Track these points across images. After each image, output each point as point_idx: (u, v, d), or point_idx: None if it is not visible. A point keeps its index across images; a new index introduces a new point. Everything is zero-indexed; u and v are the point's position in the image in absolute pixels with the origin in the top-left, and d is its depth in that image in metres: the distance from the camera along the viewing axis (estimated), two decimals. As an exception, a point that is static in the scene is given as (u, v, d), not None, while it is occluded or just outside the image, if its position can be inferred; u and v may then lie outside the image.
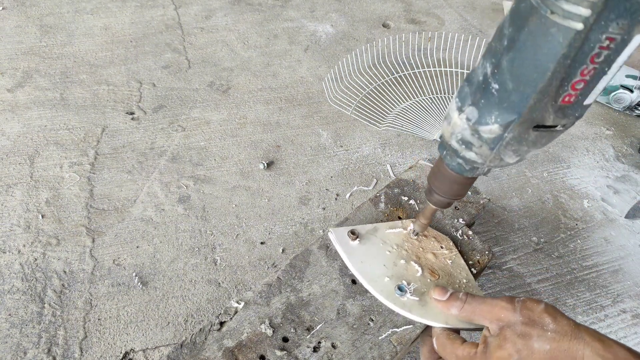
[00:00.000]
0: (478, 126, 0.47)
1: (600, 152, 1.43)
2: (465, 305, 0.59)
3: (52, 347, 0.88)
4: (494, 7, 2.03)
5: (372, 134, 1.39)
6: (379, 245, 0.74)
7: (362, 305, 0.72)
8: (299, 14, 1.85)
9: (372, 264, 0.71)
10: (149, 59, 1.55)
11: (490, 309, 0.56)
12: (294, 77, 1.56)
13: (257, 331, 0.68)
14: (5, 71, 1.44)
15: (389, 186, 0.92)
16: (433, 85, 1.54)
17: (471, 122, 0.47)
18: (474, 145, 0.49)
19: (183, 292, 0.98)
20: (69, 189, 1.15)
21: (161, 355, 0.89)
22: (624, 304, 1.07)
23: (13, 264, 0.99)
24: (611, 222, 1.24)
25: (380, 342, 0.68)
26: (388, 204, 0.88)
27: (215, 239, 1.08)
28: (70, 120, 1.32)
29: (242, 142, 1.32)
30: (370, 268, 0.71)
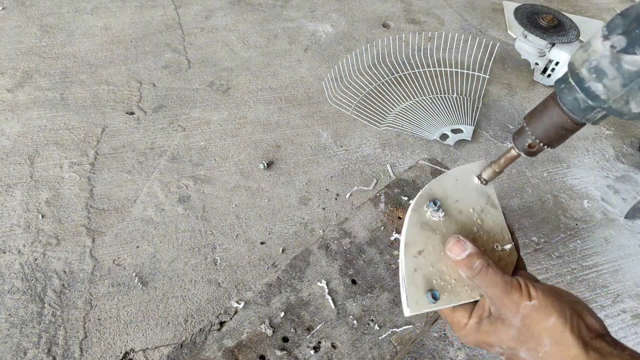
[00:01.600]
0: (623, 54, 0.44)
1: (600, 152, 1.43)
2: (475, 278, 0.52)
3: (52, 347, 0.88)
4: (494, 7, 2.03)
5: (372, 134, 1.39)
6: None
7: (362, 305, 0.72)
8: (299, 14, 1.85)
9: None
10: (149, 59, 1.55)
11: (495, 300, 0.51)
12: (294, 77, 1.56)
13: (257, 331, 0.68)
14: (5, 71, 1.44)
15: (389, 186, 0.92)
16: (433, 85, 1.54)
17: (616, 49, 0.44)
18: (608, 75, 0.45)
19: (183, 292, 0.98)
20: (69, 189, 1.15)
21: (161, 355, 0.89)
22: (624, 304, 1.07)
23: (13, 264, 0.99)
24: (611, 222, 1.24)
25: (380, 342, 0.68)
26: (388, 204, 0.88)
27: (215, 239, 1.08)
28: (70, 120, 1.32)
29: (242, 142, 1.32)
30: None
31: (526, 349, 0.47)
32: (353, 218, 0.85)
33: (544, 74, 1.61)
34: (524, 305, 0.48)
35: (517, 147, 0.56)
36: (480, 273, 0.51)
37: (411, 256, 0.57)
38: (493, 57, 1.66)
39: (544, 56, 1.55)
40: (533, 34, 1.49)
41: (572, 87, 0.49)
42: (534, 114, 0.54)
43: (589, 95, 0.47)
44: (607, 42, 0.45)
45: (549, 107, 0.52)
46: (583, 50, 0.48)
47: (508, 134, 1.44)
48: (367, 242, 0.81)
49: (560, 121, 0.51)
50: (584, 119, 0.50)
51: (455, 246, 0.54)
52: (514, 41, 1.71)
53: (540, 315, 0.47)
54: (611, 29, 0.45)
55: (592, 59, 0.46)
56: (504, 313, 0.50)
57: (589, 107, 0.48)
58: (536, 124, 0.53)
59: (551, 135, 0.52)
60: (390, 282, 0.76)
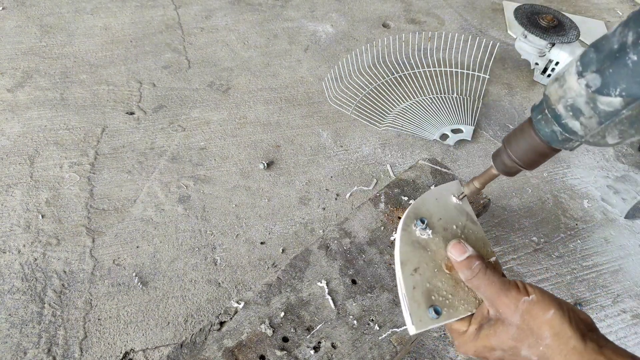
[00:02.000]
0: (597, 95, 0.44)
1: (600, 152, 1.43)
2: (474, 279, 0.54)
3: (52, 347, 0.88)
4: (494, 7, 2.03)
5: (372, 134, 1.39)
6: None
7: (362, 305, 0.72)
8: (299, 14, 1.85)
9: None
10: (149, 59, 1.55)
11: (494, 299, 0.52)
12: (294, 77, 1.56)
13: (257, 331, 0.68)
14: (5, 71, 1.44)
15: (389, 186, 0.92)
16: (433, 85, 1.54)
17: (591, 89, 0.44)
18: (584, 114, 0.46)
19: (183, 292, 0.98)
20: (69, 189, 1.15)
21: (161, 355, 0.89)
22: (624, 304, 1.07)
23: (13, 264, 0.99)
24: (611, 222, 1.24)
25: (380, 342, 0.68)
26: (388, 204, 0.88)
27: (215, 239, 1.08)
28: (70, 120, 1.32)
29: (242, 142, 1.32)
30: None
31: (527, 346, 0.48)
32: (353, 218, 0.85)
33: (544, 74, 1.61)
34: (523, 300, 0.49)
35: (496, 167, 0.58)
36: (479, 273, 0.53)
37: (408, 274, 0.59)
38: (493, 57, 1.66)
39: (544, 56, 1.55)
40: (533, 34, 1.49)
41: (549, 119, 0.50)
42: (512, 136, 0.56)
43: (566, 130, 0.48)
44: (582, 80, 0.45)
45: (526, 134, 0.53)
46: (558, 85, 0.49)
47: (508, 134, 1.44)
48: (367, 242, 0.81)
49: (537, 147, 0.52)
50: (564, 147, 0.51)
51: (455, 248, 0.57)
52: (514, 41, 1.71)
53: (540, 309, 0.48)
54: (585, 64, 0.45)
55: (568, 96, 0.47)
56: (503, 312, 0.51)
57: (566, 139, 0.49)
58: (514, 147, 0.55)
59: (529, 158, 0.54)
60: (390, 282, 0.76)
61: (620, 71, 0.42)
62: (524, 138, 0.54)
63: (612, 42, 0.43)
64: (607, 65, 0.43)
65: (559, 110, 0.48)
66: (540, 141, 0.52)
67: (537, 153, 0.53)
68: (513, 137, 0.55)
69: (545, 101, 0.51)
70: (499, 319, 0.51)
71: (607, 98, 0.43)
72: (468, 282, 0.55)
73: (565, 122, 0.48)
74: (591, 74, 0.44)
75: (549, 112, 0.50)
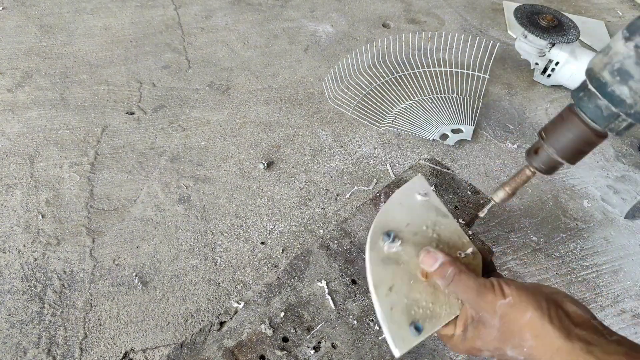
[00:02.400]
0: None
1: (600, 152, 1.43)
2: (450, 286, 0.53)
3: (52, 347, 0.88)
4: (494, 7, 2.03)
5: (372, 134, 1.39)
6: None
7: (362, 305, 0.72)
8: (299, 14, 1.85)
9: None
10: (149, 59, 1.55)
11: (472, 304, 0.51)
12: (294, 77, 1.56)
13: (257, 331, 0.68)
14: (5, 71, 1.44)
15: (389, 186, 0.92)
16: (433, 85, 1.54)
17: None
18: (634, 77, 0.42)
19: (183, 292, 0.98)
20: (69, 189, 1.15)
21: (161, 355, 0.89)
22: (624, 304, 1.07)
23: (13, 264, 0.99)
24: (611, 222, 1.24)
25: (380, 342, 0.69)
26: (388, 204, 0.88)
27: (215, 239, 1.08)
28: (70, 120, 1.32)
29: (242, 142, 1.32)
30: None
31: (511, 347, 0.47)
32: (353, 218, 0.85)
33: (544, 74, 1.61)
34: (499, 304, 0.48)
35: (533, 166, 0.53)
36: (454, 280, 0.52)
37: (383, 296, 0.56)
38: (493, 57, 1.66)
39: (544, 56, 1.55)
40: (533, 34, 1.49)
41: (592, 94, 0.46)
42: (551, 127, 0.50)
43: (613, 100, 0.44)
44: (630, 42, 0.42)
45: (568, 119, 0.49)
46: (603, 54, 0.45)
47: (508, 134, 1.44)
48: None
49: (581, 133, 0.48)
50: (607, 128, 0.47)
51: (426, 258, 0.55)
52: (514, 41, 1.71)
53: (517, 311, 0.47)
54: (632, 31, 0.43)
55: (614, 61, 0.44)
56: (483, 315, 0.50)
57: (613, 115, 0.45)
58: (555, 138, 0.50)
59: (571, 149, 0.49)
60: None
61: None
62: (565, 125, 0.49)
63: None
64: None
65: (604, 78, 0.44)
66: (584, 125, 0.47)
67: (581, 141, 0.48)
68: (552, 127, 0.51)
69: (589, 74, 0.47)
70: (480, 320, 0.50)
71: None
72: (447, 289, 0.54)
73: (613, 90, 0.44)
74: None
75: (592, 83, 0.46)
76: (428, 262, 0.55)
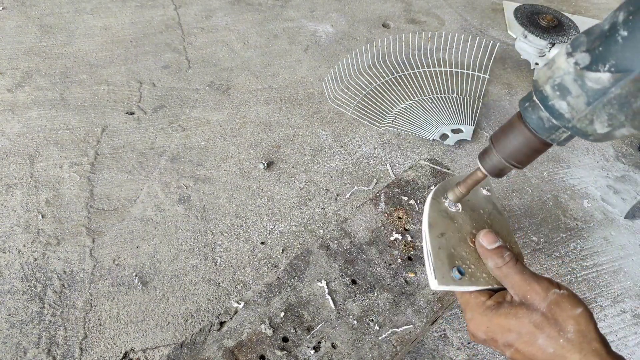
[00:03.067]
0: (586, 72, 0.43)
1: (600, 152, 1.43)
2: (504, 267, 0.54)
3: (52, 347, 0.88)
4: (494, 7, 2.03)
5: (372, 134, 1.39)
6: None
7: (362, 305, 0.72)
8: (299, 14, 1.85)
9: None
10: (149, 59, 1.55)
11: (523, 286, 0.51)
12: (294, 77, 1.56)
13: (257, 331, 0.68)
14: (5, 71, 1.44)
15: (389, 186, 0.92)
16: (433, 85, 1.54)
17: (579, 66, 0.43)
18: (572, 93, 0.44)
19: (183, 292, 0.98)
20: (69, 189, 1.15)
21: (161, 355, 0.89)
22: (624, 304, 1.07)
23: (13, 264, 0.99)
24: (611, 222, 1.24)
25: (380, 342, 0.69)
26: (388, 204, 0.88)
27: (215, 239, 1.08)
28: (70, 120, 1.32)
29: (242, 142, 1.32)
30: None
31: (546, 336, 0.48)
32: (353, 218, 0.85)
33: (544, 74, 1.60)
34: (553, 291, 0.50)
35: (484, 168, 0.55)
36: (510, 262, 0.54)
37: (435, 236, 0.60)
38: (493, 57, 1.66)
39: (544, 56, 1.55)
40: (533, 34, 1.49)
41: (535, 105, 0.48)
42: (500, 133, 0.54)
43: (553, 113, 0.47)
44: (570, 59, 0.44)
45: (515, 126, 0.52)
46: (547, 67, 0.47)
47: (508, 134, 1.44)
48: (367, 242, 0.81)
49: (526, 140, 0.50)
50: (549, 139, 0.49)
51: (487, 236, 0.57)
52: (514, 41, 1.71)
53: (569, 303, 0.48)
54: (575, 46, 0.45)
55: (555, 75, 0.46)
56: (531, 298, 0.50)
57: (554, 127, 0.48)
58: (503, 144, 0.53)
59: (518, 154, 0.52)
60: (390, 282, 0.76)
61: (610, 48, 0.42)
62: (513, 132, 0.52)
63: (602, 25, 0.43)
64: (597, 44, 0.43)
65: (546, 92, 0.47)
66: (529, 133, 0.50)
67: (527, 147, 0.51)
68: (501, 133, 0.54)
69: (534, 86, 0.49)
70: (523, 303, 0.51)
71: (596, 74, 0.42)
72: (497, 270, 0.55)
73: (552, 104, 0.46)
74: (580, 53, 0.44)
75: (536, 96, 0.48)
76: (488, 239, 0.57)
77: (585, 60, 0.43)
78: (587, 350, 0.45)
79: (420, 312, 0.73)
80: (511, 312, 0.51)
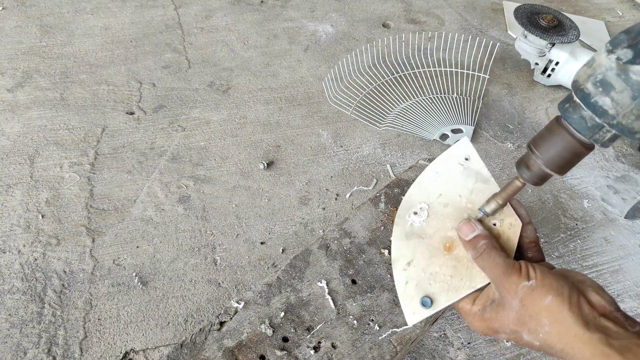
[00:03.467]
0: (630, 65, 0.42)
1: (600, 152, 1.43)
2: (478, 259, 0.53)
3: (52, 347, 0.88)
4: (494, 7, 2.03)
5: (372, 134, 1.39)
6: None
7: (362, 305, 0.73)
8: (299, 14, 1.85)
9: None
10: (149, 59, 1.55)
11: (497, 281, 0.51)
12: (294, 77, 1.56)
13: (257, 331, 0.68)
14: (5, 71, 1.44)
15: (389, 186, 0.92)
16: (433, 85, 1.54)
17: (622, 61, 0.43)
18: (615, 88, 0.43)
19: (183, 292, 0.98)
20: (69, 189, 1.15)
21: (161, 355, 0.89)
22: (624, 304, 1.07)
23: (13, 264, 0.99)
24: (611, 222, 1.24)
25: (380, 342, 0.69)
26: (388, 204, 0.88)
27: (215, 239, 1.08)
28: (70, 120, 1.32)
29: (242, 142, 1.32)
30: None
31: (527, 331, 0.48)
32: (353, 218, 0.85)
33: (544, 74, 1.61)
34: (522, 286, 0.48)
35: (523, 177, 0.53)
36: (483, 254, 0.52)
37: (400, 270, 0.59)
38: (493, 57, 1.66)
39: (544, 56, 1.55)
40: (533, 34, 1.49)
41: (577, 104, 0.47)
42: (539, 139, 0.51)
43: (596, 111, 0.45)
44: (612, 55, 0.43)
45: (554, 131, 0.49)
46: (587, 66, 0.46)
47: (508, 134, 1.44)
48: (367, 242, 0.81)
49: (567, 144, 0.48)
50: (592, 139, 0.47)
51: (465, 227, 0.56)
52: (514, 41, 1.71)
53: (537, 295, 0.47)
54: (615, 44, 0.44)
55: (597, 72, 0.45)
56: (505, 296, 0.50)
57: (597, 125, 0.46)
58: (543, 150, 0.50)
59: (559, 160, 0.50)
60: (390, 282, 0.76)
61: None
62: (552, 136, 0.49)
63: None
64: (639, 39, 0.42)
65: (587, 89, 0.46)
66: (570, 137, 0.48)
67: (569, 151, 0.49)
68: (540, 139, 0.51)
69: (574, 86, 0.48)
70: (501, 302, 0.51)
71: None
72: (476, 262, 0.54)
73: (595, 101, 0.45)
74: (622, 49, 0.43)
75: (577, 95, 0.47)
76: (465, 230, 0.56)
77: (627, 55, 0.42)
78: (567, 338, 0.44)
79: (420, 312, 0.73)
80: (493, 316, 0.51)
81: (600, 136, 0.47)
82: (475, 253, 0.53)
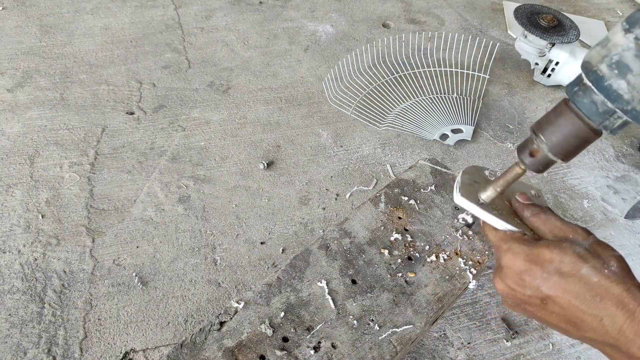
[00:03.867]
0: None
1: (600, 152, 1.43)
2: (542, 214, 0.52)
3: (52, 347, 0.88)
4: (494, 7, 2.03)
5: (372, 134, 1.39)
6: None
7: (362, 305, 0.73)
8: (299, 14, 1.85)
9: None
10: (149, 59, 1.55)
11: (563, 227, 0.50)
12: (294, 77, 1.56)
13: (257, 331, 0.68)
14: (5, 71, 1.44)
15: (389, 186, 0.92)
16: (433, 85, 1.54)
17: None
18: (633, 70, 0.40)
19: (183, 292, 0.98)
20: (69, 189, 1.15)
21: (161, 355, 0.89)
22: (624, 304, 1.07)
23: (13, 264, 0.99)
24: (611, 222, 1.24)
25: (380, 342, 0.69)
26: (388, 204, 0.88)
27: (215, 239, 1.08)
28: (70, 120, 1.32)
29: (242, 142, 1.32)
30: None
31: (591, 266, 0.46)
32: (353, 218, 0.85)
33: (544, 74, 1.61)
34: (593, 235, 0.50)
35: (524, 163, 0.50)
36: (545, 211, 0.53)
37: (467, 176, 0.58)
38: (493, 57, 1.66)
39: (544, 56, 1.55)
40: (533, 34, 1.49)
41: (588, 88, 0.44)
42: (544, 122, 0.48)
43: (609, 95, 0.42)
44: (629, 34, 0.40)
45: (562, 114, 0.46)
46: (600, 46, 0.43)
47: (508, 134, 1.44)
48: (367, 242, 0.81)
49: (575, 129, 0.45)
50: (602, 125, 0.44)
51: (522, 195, 0.56)
52: (514, 41, 1.71)
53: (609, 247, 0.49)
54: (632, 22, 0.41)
55: (612, 53, 0.41)
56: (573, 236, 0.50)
57: (609, 111, 0.43)
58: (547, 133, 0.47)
59: (565, 145, 0.47)
60: (390, 282, 0.76)
61: None
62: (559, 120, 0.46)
63: None
64: None
65: (601, 71, 0.42)
66: (579, 121, 0.45)
67: (576, 136, 0.45)
68: (546, 122, 0.48)
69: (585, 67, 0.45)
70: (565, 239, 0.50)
71: None
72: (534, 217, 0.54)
73: (610, 84, 0.42)
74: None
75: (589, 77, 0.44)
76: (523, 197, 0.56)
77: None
78: (630, 284, 0.45)
79: (420, 312, 0.73)
80: (553, 243, 0.48)
81: (610, 122, 0.44)
82: (538, 209, 0.54)
